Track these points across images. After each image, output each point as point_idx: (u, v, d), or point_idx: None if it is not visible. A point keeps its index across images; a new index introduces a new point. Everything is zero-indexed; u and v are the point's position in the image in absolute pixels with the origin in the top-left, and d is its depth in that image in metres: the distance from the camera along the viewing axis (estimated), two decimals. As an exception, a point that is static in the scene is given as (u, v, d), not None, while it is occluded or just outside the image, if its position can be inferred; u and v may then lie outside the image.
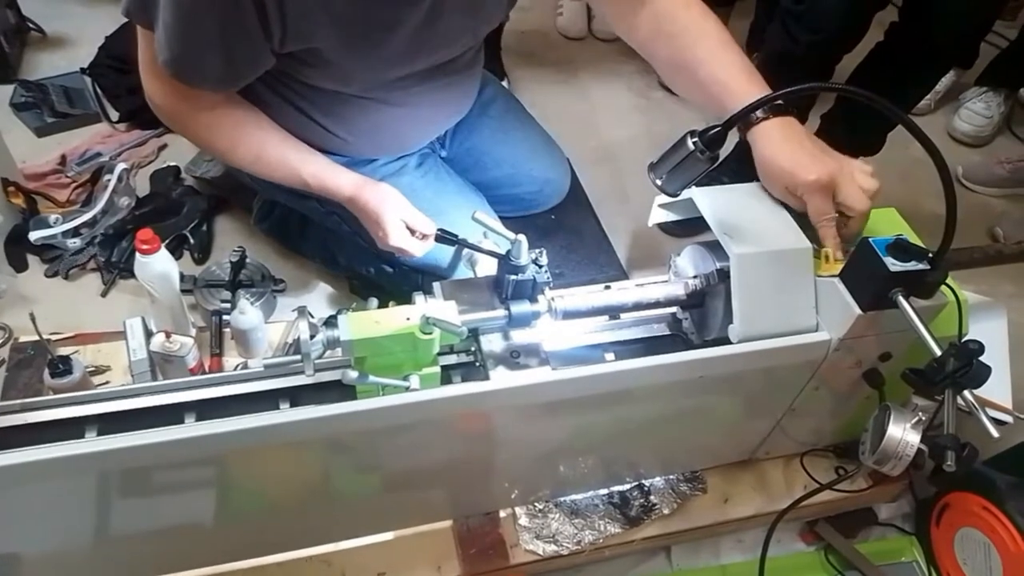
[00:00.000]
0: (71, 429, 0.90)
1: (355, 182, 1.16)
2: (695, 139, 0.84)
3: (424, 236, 1.15)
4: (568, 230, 1.68)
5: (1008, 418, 1.24)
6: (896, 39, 1.56)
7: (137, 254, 1.18)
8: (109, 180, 1.54)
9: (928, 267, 0.87)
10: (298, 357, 0.86)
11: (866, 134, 1.69)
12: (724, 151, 0.88)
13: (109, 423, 0.91)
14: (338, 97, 1.16)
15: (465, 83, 1.28)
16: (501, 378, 0.94)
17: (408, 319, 0.87)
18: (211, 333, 1.34)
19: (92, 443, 0.80)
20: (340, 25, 1.01)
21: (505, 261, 0.95)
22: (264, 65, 1.05)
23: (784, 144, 0.92)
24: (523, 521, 1.13)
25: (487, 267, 1.09)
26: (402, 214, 1.14)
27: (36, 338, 1.13)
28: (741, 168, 1.74)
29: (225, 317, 1.34)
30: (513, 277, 0.95)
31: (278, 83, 1.13)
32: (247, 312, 1.24)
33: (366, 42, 1.06)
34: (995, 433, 0.79)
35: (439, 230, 1.14)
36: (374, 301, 0.94)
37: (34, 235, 1.45)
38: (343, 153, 1.25)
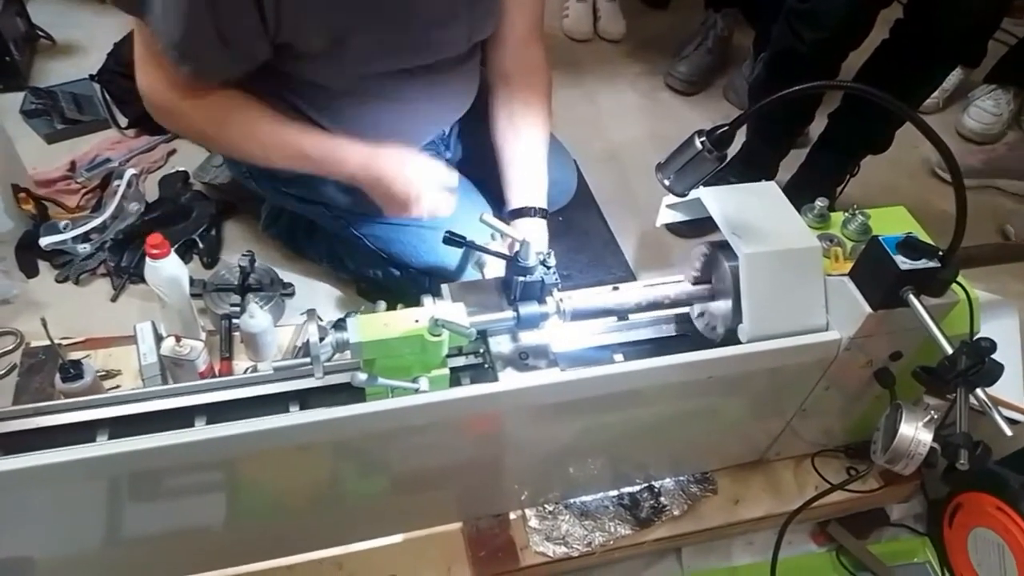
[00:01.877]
0: (82, 433, 0.91)
1: (363, 148, 1.13)
2: (703, 139, 0.84)
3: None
4: (575, 231, 1.68)
5: (1021, 417, 1.23)
6: (902, 36, 1.55)
7: (147, 259, 1.18)
8: (118, 186, 1.55)
9: (938, 265, 0.87)
10: (307, 360, 0.86)
11: (874, 132, 1.69)
12: (731, 151, 0.88)
13: (120, 427, 0.92)
14: (335, 96, 1.16)
15: (464, 79, 1.28)
16: (510, 379, 0.94)
17: (417, 321, 0.87)
18: (221, 337, 1.34)
19: (103, 447, 0.80)
20: (331, 20, 1.03)
21: (513, 263, 0.95)
22: (262, 53, 1.05)
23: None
24: (533, 523, 1.13)
25: (495, 269, 1.10)
26: (428, 171, 1.13)
27: (47, 343, 1.13)
28: (747, 168, 1.76)
29: (235, 321, 1.34)
30: (521, 279, 0.95)
31: (276, 82, 1.13)
32: (256, 316, 1.25)
33: (355, 41, 1.07)
34: (1008, 432, 0.79)
35: (447, 232, 1.14)
36: (382, 304, 0.94)
37: (44, 241, 1.46)
38: None
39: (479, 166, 1.42)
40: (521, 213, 1.22)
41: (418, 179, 1.13)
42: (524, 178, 1.24)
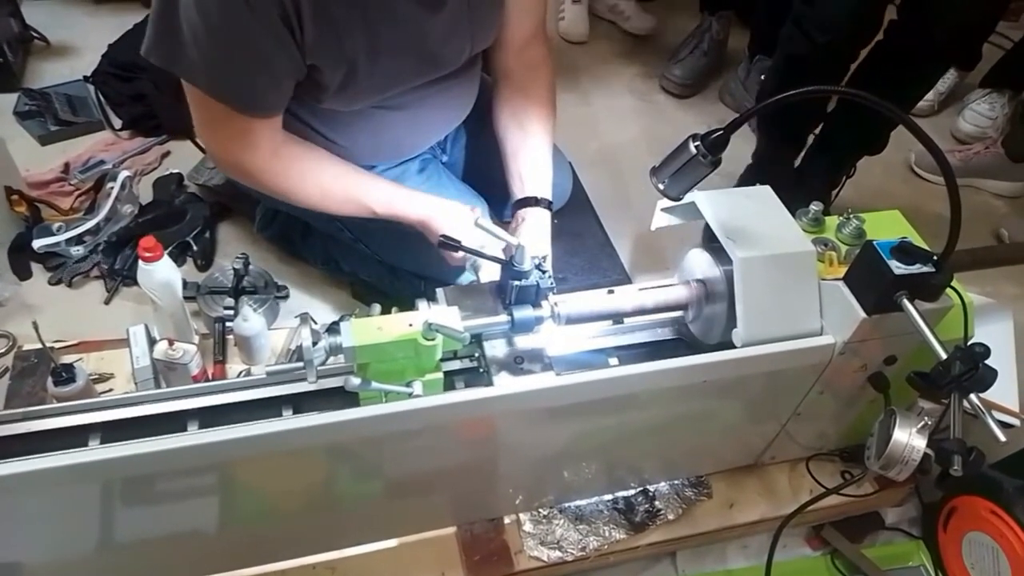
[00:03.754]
0: (74, 437, 0.90)
1: (423, 210, 1.17)
2: (697, 143, 0.84)
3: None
4: (571, 234, 1.68)
5: (1015, 421, 1.23)
6: (896, 37, 1.55)
7: (140, 262, 1.18)
8: (112, 188, 1.54)
9: (933, 270, 0.87)
10: (301, 364, 0.86)
11: (868, 134, 1.69)
12: (727, 156, 0.88)
13: (112, 431, 0.92)
14: (343, 112, 1.17)
15: (464, 87, 1.28)
16: (504, 384, 0.94)
17: (411, 325, 0.87)
18: (214, 340, 1.34)
19: (95, 452, 0.80)
20: (344, 55, 1.04)
21: (508, 267, 0.95)
22: (300, 74, 1.05)
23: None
24: (527, 527, 1.13)
25: (490, 273, 1.09)
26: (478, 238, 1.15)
27: (39, 346, 1.13)
28: (762, 173, 1.76)
29: (228, 324, 1.34)
30: (516, 283, 0.94)
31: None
32: (250, 319, 1.24)
33: (367, 71, 1.08)
34: (1002, 437, 0.79)
35: (442, 235, 1.14)
36: (377, 307, 0.94)
37: (38, 243, 1.45)
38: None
39: (475, 169, 1.42)
40: (525, 203, 1.22)
41: (463, 234, 1.14)
42: (528, 170, 1.24)
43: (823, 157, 1.75)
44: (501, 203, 1.39)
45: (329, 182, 1.16)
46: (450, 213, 1.17)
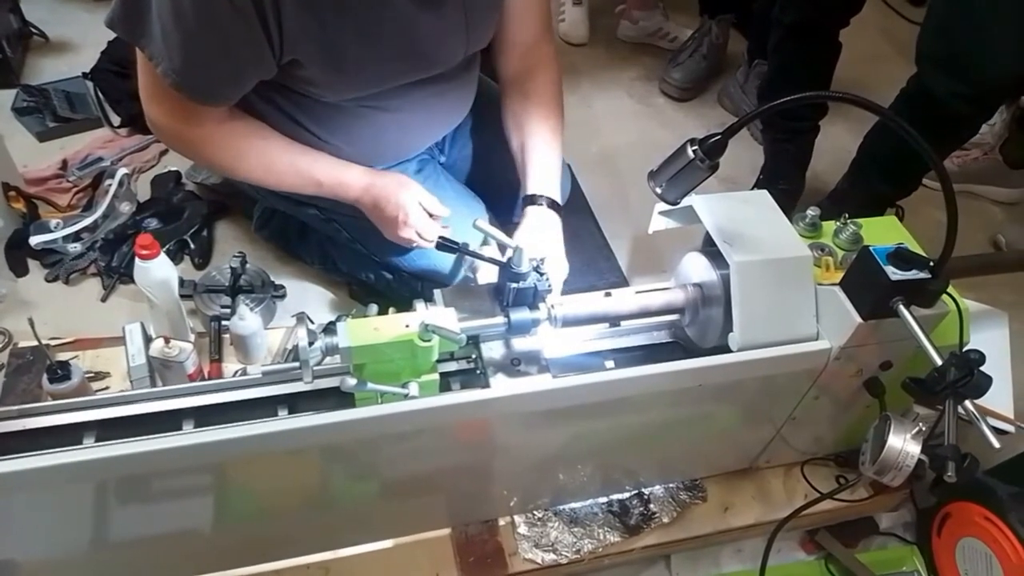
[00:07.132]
0: (69, 435, 0.90)
1: (365, 174, 1.18)
2: (695, 147, 0.84)
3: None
4: (569, 236, 1.67)
5: (1010, 427, 1.23)
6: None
7: (136, 259, 1.18)
8: (110, 185, 1.54)
9: (929, 276, 0.87)
10: (297, 364, 0.86)
11: (898, 169, 1.60)
12: (728, 161, 0.88)
13: (107, 429, 0.91)
14: (334, 106, 1.16)
15: (461, 89, 1.28)
16: (501, 386, 0.94)
17: (407, 326, 0.86)
18: (210, 339, 1.34)
19: (89, 451, 0.79)
20: (331, 46, 1.03)
21: (506, 268, 0.95)
22: (266, 73, 1.04)
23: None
24: (522, 529, 1.13)
25: (488, 274, 1.09)
26: (419, 198, 1.16)
27: (35, 343, 1.13)
28: (775, 173, 1.76)
29: (225, 323, 1.34)
30: (514, 285, 0.94)
31: (273, 93, 1.13)
32: (246, 318, 1.24)
33: (355, 65, 1.07)
34: (996, 444, 0.79)
35: (440, 238, 1.14)
36: (374, 307, 0.94)
37: (35, 240, 1.45)
38: None
39: (474, 170, 1.42)
40: (529, 201, 1.20)
41: (408, 204, 1.15)
42: (532, 168, 1.22)
43: (854, 193, 1.66)
44: (499, 204, 1.39)
45: (273, 155, 1.15)
46: (391, 179, 1.17)
